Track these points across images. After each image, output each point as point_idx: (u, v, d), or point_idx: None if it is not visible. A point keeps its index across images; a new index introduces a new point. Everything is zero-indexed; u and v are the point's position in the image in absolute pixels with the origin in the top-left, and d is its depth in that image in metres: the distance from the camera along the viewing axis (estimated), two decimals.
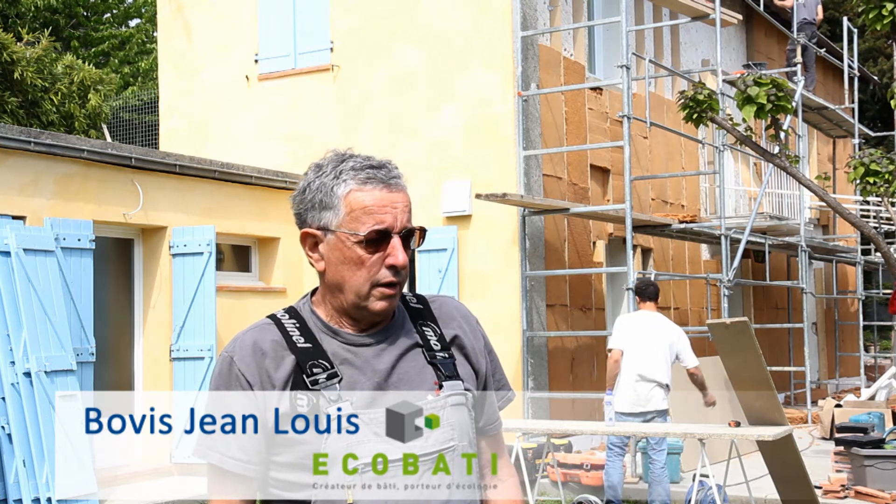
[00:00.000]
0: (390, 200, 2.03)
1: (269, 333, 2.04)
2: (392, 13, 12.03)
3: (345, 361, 2.02)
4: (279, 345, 2.02)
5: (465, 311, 2.22)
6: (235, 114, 12.95)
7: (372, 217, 2.01)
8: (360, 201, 2.01)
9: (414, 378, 2.04)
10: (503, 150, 11.28)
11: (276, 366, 2.00)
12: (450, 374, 2.07)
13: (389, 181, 2.03)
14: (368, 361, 2.03)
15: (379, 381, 2.01)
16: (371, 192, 2.02)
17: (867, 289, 19.72)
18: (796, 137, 14.59)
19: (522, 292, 11.06)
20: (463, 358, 2.13)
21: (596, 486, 9.36)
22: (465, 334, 2.16)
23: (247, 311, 11.07)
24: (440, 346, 2.11)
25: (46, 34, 16.12)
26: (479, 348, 2.17)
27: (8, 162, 9.09)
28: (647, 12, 14.02)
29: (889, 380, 12.54)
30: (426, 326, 2.12)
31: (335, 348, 2.03)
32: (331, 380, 1.98)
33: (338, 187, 2.03)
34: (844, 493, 8.96)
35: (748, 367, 7.15)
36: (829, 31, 28.24)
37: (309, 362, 2.00)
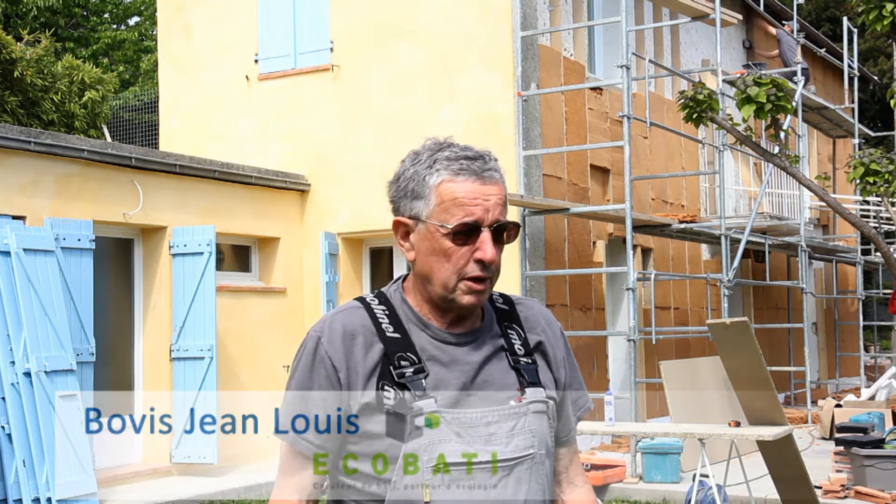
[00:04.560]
0: (482, 193, 1.98)
1: (358, 318, 2.01)
2: (392, 13, 12.03)
3: (432, 358, 1.99)
4: (369, 331, 1.99)
5: (550, 318, 2.19)
6: (235, 114, 12.95)
7: (462, 209, 1.96)
8: (450, 192, 1.97)
9: (498, 381, 2.02)
10: (503, 150, 11.27)
11: (365, 353, 1.97)
12: (532, 381, 2.05)
13: (483, 173, 1.98)
14: (456, 360, 2.00)
15: (465, 382, 1.98)
16: (463, 183, 1.97)
17: (867, 289, 19.71)
18: (796, 137, 14.59)
19: (522, 292, 11.06)
20: (545, 365, 2.11)
21: (596, 485, 9.36)
22: (548, 341, 2.14)
23: (247, 311, 11.08)
24: (524, 350, 2.08)
25: (47, 34, 16.12)
26: (560, 357, 2.15)
27: (8, 162, 9.09)
28: (647, 12, 14.02)
29: (889, 380, 12.54)
30: (511, 329, 2.10)
31: (423, 342, 2.00)
32: (417, 374, 1.96)
33: (430, 177, 1.99)
34: (844, 493, 8.95)
35: (748, 367, 7.15)
36: (829, 31, 28.25)
37: (397, 354, 1.97)
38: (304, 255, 11.99)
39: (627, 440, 11.09)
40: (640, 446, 9.81)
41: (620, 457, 10.47)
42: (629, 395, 10.50)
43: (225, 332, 10.40)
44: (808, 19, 27.53)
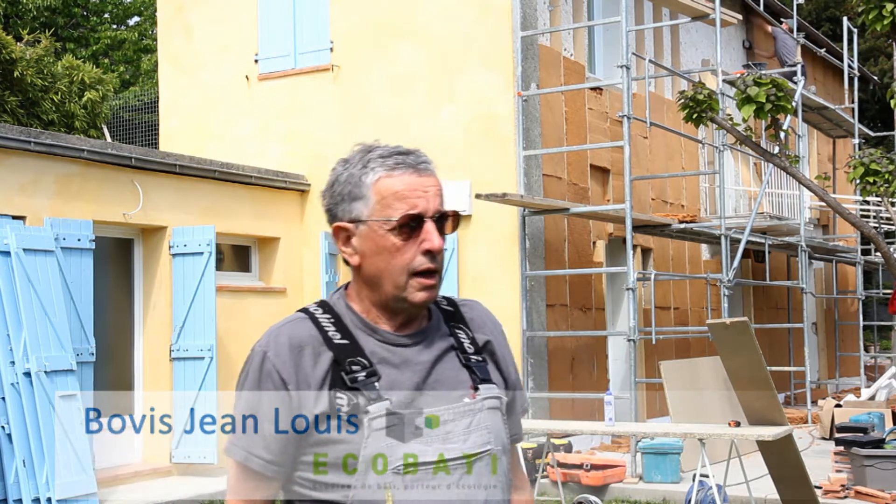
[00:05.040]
0: (421, 184, 1.99)
1: (304, 329, 1.99)
2: (392, 13, 12.03)
3: (383, 360, 1.98)
4: (316, 340, 1.97)
5: (494, 318, 2.20)
6: (235, 114, 12.95)
7: (404, 202, 1.97)
8: (390, 187, 1.98)
9: (451, 380, 2.02)
10: (503, 150, 11.28)
11: (314, 362, 1.95)
12: (485, 378, 2.05)
13: (419, 166, 2.00)
14: (407, 361, 1.99)
15: (417, 382, 1.98)
16: (400, 177, 1.98)
17: (867, 289, 19.71)
18: (796, 137, 14.59)
19: (522, 292, 11.06)
20: (493, 364, 2.11)
21: (596, 485, 9.36)
22: (495, 340, 2.14)
23: (247, 311, 11.08)
24: (473, 349, 2.09)
25: (47, 34, 16.12)
26: (507, 356, 2.16)
27: (8, 162, 9.09)
28: (647, 12, 14.02)
29: (889, 380, 12.54)
30: (458, 329, 2.10)
31: (373, 346, 1.99)
32: (370, 378, 1.94)
33: (366, 176, 1.99)
34: (844, 493, 8.95)
35: (748, 367, 7.15)
36: (829, 31, 28.25)
37: (347, 359, 1.95)
38: (304, 255, 11.99)
39: (627, 440, 11.09)
40: (640, 446, 9.80)
41: (620, 457, 10.47)
42: (629, 395, 10.50)
43: (225, 332, 10.40)
44: (808, 19, 27.53)
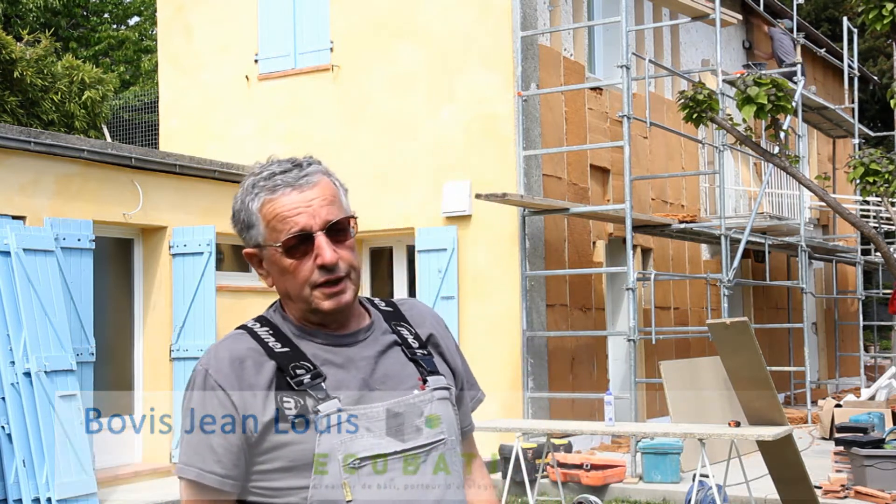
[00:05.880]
0: (302, 201, 1.97)
1: (243, 343, 2.00)
2: (392, 13, 12.04)
3: (326, 362, 1.98)
4: (256, 352, 1.97)
5: (435, 313, 2.22)
6: (235, 114, 12.95)
7: (285, 223, 1.96)
8: (272, 210, 1.98)
9: (398, 374, 2.03)
10: (503, 150, 11.29)
11: (256, 372, 1.95)
12: (432, 370, 2.07)
13: (298, 181, 1.98)
14: (351, 359, 2.00)
15: (364, 379, 1.99)
16: (281, 198, 1.98)
17: (867, 289, 19.71)
18: (796, 137, 14.59)
19: (522, 292, 11.06)
20: (439, 356, 2.12)
21: (596, 486, 9.36)
22: (438, 333, 2.16)
23: (247, 311, 11.05)
24: (418, 343, 2.10)
25: (47, 34, 16.12)
26: (452, 347, 2.18)
27: (8, 162, 9.09)
28: (647, 12, 14.03)
29: (889, 380, 12.54)
30: (400, 326, 2.11)
31: (314, 350, 1.99)
32: (316, 379, 1.95)
33: (252, 203, 2.01)
34: (844, 493, 8.96)
35: (748, 367, 7.15)
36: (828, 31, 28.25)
37: (290, 364, 1.96)
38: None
39: (627, 440, 11.09)
40: (640, 446, 9.81)
41: (620, 457, 10.47)
42: (629, 395, 10.50)
43: (225, 332, 10.35)
44: (808, 19, 27.52)
